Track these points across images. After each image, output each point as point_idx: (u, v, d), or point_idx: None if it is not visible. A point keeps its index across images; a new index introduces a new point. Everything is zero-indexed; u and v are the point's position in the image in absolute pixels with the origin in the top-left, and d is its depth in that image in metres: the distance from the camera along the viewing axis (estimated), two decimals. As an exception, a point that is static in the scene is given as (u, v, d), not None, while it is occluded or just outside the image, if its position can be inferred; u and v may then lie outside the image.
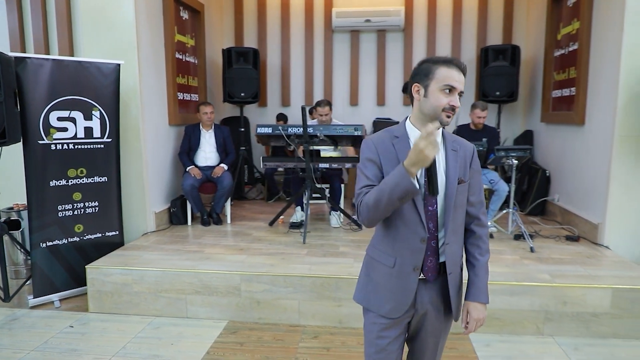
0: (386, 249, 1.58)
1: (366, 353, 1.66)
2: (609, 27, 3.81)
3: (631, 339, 3.01)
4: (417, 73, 1.54)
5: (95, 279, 3.41)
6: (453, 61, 1.48)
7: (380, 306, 1.58)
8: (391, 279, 1.57)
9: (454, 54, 5.93)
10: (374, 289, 1.61)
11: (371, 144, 1.56)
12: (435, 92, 1.47)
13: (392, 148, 1.53)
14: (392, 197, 1.39)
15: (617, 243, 3.77)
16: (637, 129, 3.65)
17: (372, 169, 1.53)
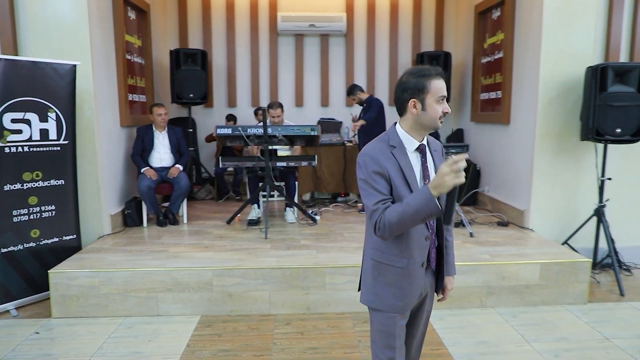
0: (397, 252, 1.68)
1: (379, 344, 1.75)
2: (529, 39, 4.39)
3: (556, 305, 3.55)
4: (408, 88, 1.62)
5: (59, 284, 3.36)
6: (439, 72, 1.64)
7: (392, 305, 1.71)
8: (403, 278, 1.69)
9: (392, 58, 6.38)
10: (384, 290, 1.71)
11: (374, 156, 1.62)
12: (432, 105, 1.61)
13: (394, 158, 1.63)
14: (417, 217, 1.51)
15: (540, 226, 4.36)
16: (554, 128, 4.25)
17: (382, 183, 1.61)
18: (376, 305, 1.73)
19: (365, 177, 1.63)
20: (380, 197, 1.59)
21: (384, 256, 1.70)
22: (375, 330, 1.77)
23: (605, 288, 3.89)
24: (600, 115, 3.82)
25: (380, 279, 1.72)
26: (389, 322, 1.72)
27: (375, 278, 1.73)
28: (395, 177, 1.61)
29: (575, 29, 4.13)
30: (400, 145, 1.65)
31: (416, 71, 1.65)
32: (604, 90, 3.80)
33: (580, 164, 4.31)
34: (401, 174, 1.62)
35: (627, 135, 3.82)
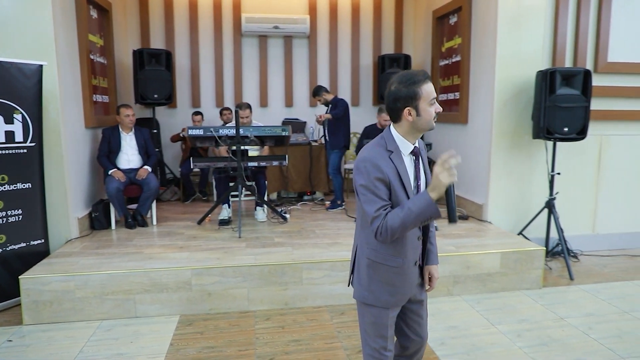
0: (392, 252, 1.77)
1: (372, 334, 1.84)
2: (484, 44, 4.69)
3: (515, 290, 3.85)
4: (400, 97, 1.68)
5: (31, 289, 3.28)
6: (427, 76, 1.70)
7: (386, 301, 1.80)
8: (397, 277, 1.79)
9: (354, 60, 6.58)
10: (378, 287, 1.80)
11: (376, 163, 1.68)
12: (426, 109, 1.67)
13: (392, 163, 1.70)
14: (418, 221, 1.61)
15: (497, 218, 4.68)
16: (508, 128, 4.57)
17: (383, 189, 1.67)
18: (370, 302, 1.82)
19: (367, 183, 1.68)
20: (381, 204, 1.66)
21: (380, 256, 1.78)
22: (368, 322, 1.86)
23: (557, 273, 4.25)
24: (549, 115, 4.16)
25: (376, 277, 1.80)
26: (383, 314, 1.82)
27: (370, 276, 1.81)
28: (394, 182, 1.69)
29: (526, 36, 4.46)
30: (397, 150, 1.72)
31: (405, 79, 1.70)
32: (553, 93, 4.15)
33: (532, 160, 4.66)
34: (399, 178, 1.70)
35: (573, 134, 4.20)
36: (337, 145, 5.29)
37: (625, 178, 4.87)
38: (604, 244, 4.89)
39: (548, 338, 3.08)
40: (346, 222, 4.85)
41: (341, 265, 3.58)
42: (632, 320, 3.34)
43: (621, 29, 4.64)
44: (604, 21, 4.58)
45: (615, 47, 4.65)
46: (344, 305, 3.58)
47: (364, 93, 6.67)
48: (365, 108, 6.70)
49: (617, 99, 4.71)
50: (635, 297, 3.73)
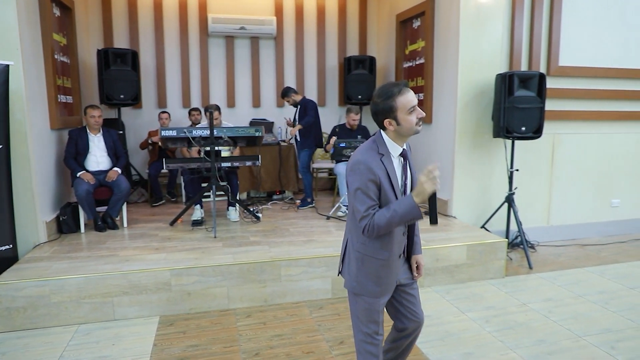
0: (379, 246, 1.92)
1: (364, 320, 1.98)
2: (447, 48, 4.94)
3: (481, 280, 4.10)
4: (379, 111, 1.85)
5: (4, 296, 3.18)
6: (401, 88, 1.82)
7: (372, 290, 1.95)
8: (383, 269, 1.94)
9: (319, 62, 6.70)
10: (365, 278, 1.95)
11: (369, 166, 1.83)
12: (404, 118, 1.82)
13: (382, 165, 1.85)
14: (402, 221, 1.80)
15: (461, 213, 4.94)
16: (470, 127, 4.84)
17: (374, 190, 1.84)
18: (358, 291, 1.98)
19: (361, 184, 1.83)
20: (371, 204, 1.83)
21: (369, 250, 1.93)
22: (360, 308, 1.99)
23: (517, 263, 4.55)
24: (508, 115, 4.45)
25: (364, 269, 1.95)
26: (374, 302, 1.97)
27: (359, 268, 1.96)
28: (384, 182, 1.84)
29: (486, 41, 4.74)
30: (387, 153, 1.88)
31: (382, 93, 1.84)
32: (511, 95, 4.43)
33: (492, 158, 4.95)
34: (388, 179, 1.86)
35: (530, 133, 4.50)
36: (308, 145, 5.40)
37: (575, 174, 5.26)
38: (558, 235, 5.27)
39: (514, 322, 3.32)
40: (317, 219, 4.96)
41: (318, 262, 3.69)
42: (586, 303, 3.65)
43: (570, 35, 5.01)
44: (555, 28, 4.93)
45: (565, 52, 5.01)
46: (321, 300, 3.69)
47: (330, 94, 6.81)
48: (331, 109, 6.84)
49: (567, 100, 5.08)
50: (588, 283, 4.06)
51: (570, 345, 3.01)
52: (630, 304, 3.63)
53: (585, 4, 5.01)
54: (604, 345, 3.00)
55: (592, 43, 5.09)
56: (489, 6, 4.71)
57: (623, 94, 5.26)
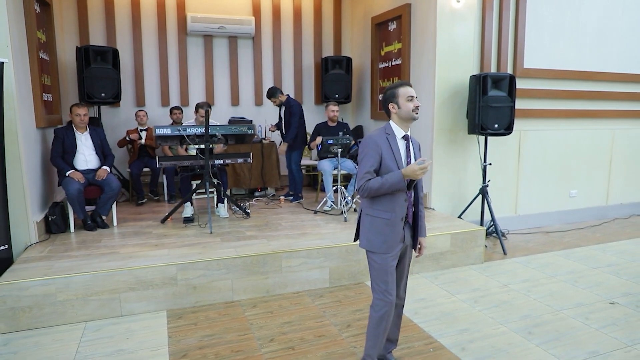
0: (384, 208, 2.36)
1: (377, 279, 2.41)
2: (424, 49, 5.25)
3: (463, 266, 4.43)
4: (386, 98, 2.40)
5: (8, 296, 3.15)
6: (405, 83, 2.39)
7: (380, 246, 2.37)
8: (387, 227, 2.37)
9: (296, 61, 6.87)
10: (375, 235, 2.38)
11: (376, 140, 2.34)
12: (404, 103, 2.34)
13: (387, 142, 2.35)
14: (390, 189, 2.28)
15: (439, 205, 5.28)
16: (446, 124, 5.18)
17: (375, 159, 2.31)
18: (370, 248, 2.40)
19: (366, 154, 2.34)
20: (369, 169, 2.31)
21: (376, 212, 2.38)
22: (374, 268, 2.42)
23: (492, 250, 4.93)
24: (483, 114, 4.81)
25: (373, 229, 2.39)
26: (383, 261, 2.37)
27: (369, 228, 2.40)
28: (386, 154, 2.33)
29: (459, 43, 5.09)
30: (392, 134, 2.38)
31: (390, 86, 2.41)
32: (485, 94, 4.80)
33: (466, 153, 5.32)
34: (391, 152, 2.33)
35: (502, 129, 4.89)
36: (297, 146, 5.60)
37: (538, 167, 5.73)
38: (524, 224, 5.73)
39: (499, 301, 3.66)
40: (305, 214, 5.14)
41: (316, 253, 3.88)
42: (558, 282, 4.05)
43: (533, 39, 5.46)
44: (520, 32, 5.37)
45: (528, 55, 5.46)
46: (320, 289, 3.88)
47: (306, 92, 7.00)
48: (308, 106, 7.01)
49: (531, 99, 5.53)
50: (557, 265, 4.49)
51: (551, 318, 3.37)
52: (596, 281, 4.07)
53: (545, 11, 5.49)
54: (579, 316, 3.38)
55: (551, 47, 5.58)
56: (462, 12, 5.07)
57: (579, 94, 5.79)
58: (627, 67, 6.05)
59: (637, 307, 3.56)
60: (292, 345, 2.98)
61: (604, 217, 6.23)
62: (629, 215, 6.41)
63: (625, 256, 4.74)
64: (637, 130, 6.33)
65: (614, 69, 5.96)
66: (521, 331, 3.17)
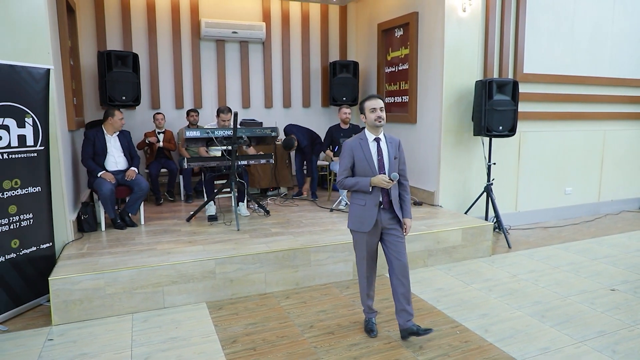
0: (360, 198, 3.01)
1: (358, 256, 3.09)
2: (431, 56, 5.56)
3: (473, 258, 4.75)
4: (359, 109, 3.05)
5: (61, 290, 3.35)
6: (371, 96, 3.00)
7: (357, 226, 3.03)
8: (362, 211, 3.00)
9: (304, 65, 7.13)
10: (354, 217, 3.06)
11: (350, 144, 3.00)
12: (368, 114, 2.97)
13: (360, 146, 2.98)
14: (359, 188, 2.96)
15: (446, 202, 5.60)
16: (453, 126, 5.50)
17: (349, 160, 2.99)
18: (351, 227, 3.09)
19: (343, 156, 3.03)
20: (345, 167, 3.01)
21: (355, 200, 3.05)
22: (355, 242, 3.11)
23: (497, 244, 5.27)
24: (488, 116, 5.15)
25: (352, 213, 3.08)
26: (360, 238, 3.05)
27: (351, 212, 3.10)
28: (357, 155, 2.97)
29: (465, 50, 5.42)
30: (365, 139, 3.00)
31: (361, 100, 3.13)
32: (490, 98, 5.14)
33: (471, 153, 5.66)
34: (362, 153, 2.96)
35: (506, 131, 5.23)
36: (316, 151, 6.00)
37: (537, 166, 6.10)
38: (524, 219, 6.10)
39: (511, 289, 3.99)
40: (321, 212, 5.40)
41: (342, 247, 4.15)
42: (562, 272, 4.40)
43: (531, 46, 5.83)
44: (520, 40, 5.72)
45: (527, 61, 5.83)
46: (346, 281, 4.16)
47: (314, 95, 7.26)
48: (315, 109, 7.29)
49: (530, 102, 5.90)
50: (558, 257, 4.85)
51: (560, 303, 3.71)
52: (596, 271, 4.43)
53: (543, 20, 5.86)
54: (585, 302, 3.73)
55: (548, 53, 5.96)
56: (468, 21, 5.40)
57: (573, 97, 6.18)
58: (617, 72, 6.47)
59: (636, 292, 3.92)
60: (332, 330, 3.26)
61: (597, 212, 6.65)
62: (619, 211, 6.85)
63: (620, 248, 5.13)
64: (626, 131, 6.76)
65: (605, 73, 6.38)
66: (535, 315, 3.49)
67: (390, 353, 2.96)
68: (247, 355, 2.93)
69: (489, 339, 3.13)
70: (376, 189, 2.95)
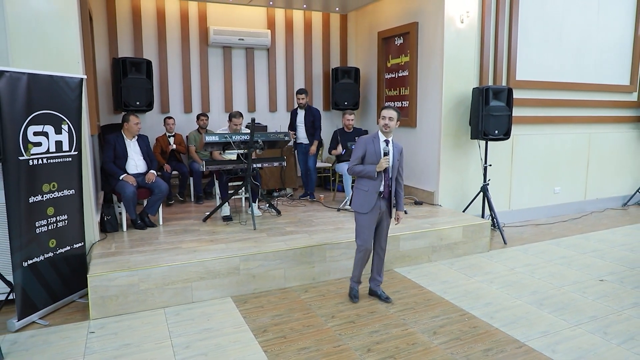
0: (365, 184, 3.65)
1: (359, 233, 3.71)
2: (431, 64, 5.91)
3: (473, 254, 5.10)
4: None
5: (99, 286, 3.59)
6: (385, 106, 3.67)
7: (361, 208, 3.66)
8: (365, 196, 3.64)
9: (307, 71, 7.42)
10: (357, 200, 3.69)
11: (365, 140, 3.65)
12: (380, 120, 3.63)
13: (372, 142, 3.64)
14: (366, 174, 3.60)
15: (445, 202, 5.95)
16: (452, 130, 5.85)
17: (362, 152, 3.62)
18: (355, 208, 3.71)
19: (357, 147, 3.68)
20: (356, 157, 3.66)
21: (360, 185, 3.68)
22: (358, 223, 3.74)
23: (494, 240, 5.63)
24: (485, 121, 5.51)
25: (357, 196, 3.71)
26: (362, 218, 3.68)
27: (355, 196, 3.73)
28: (369, 148, 3.62)
29: (462, 59, 5.77)
30: (377, 138, 3.66)
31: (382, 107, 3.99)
32: (487, 104, 5.50)
33: (468, 156, 6.01)
34: (373, 148, 3.61)
35: (501, 135, 5.60)
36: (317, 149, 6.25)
37: (528, 167, 6.50)
38: (516, 217, 6.48)
39: (510, 281, 4.34)
40: (329, 212, 5.69)
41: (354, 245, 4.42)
42: (555, 265, 4.78)
43: (523, 54, 6.21)
44: (513, 48, 6.10)
45: (520, 68, 6.21)
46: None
47: (316, 99, 7.56)
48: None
49: (522, 107, 6.28)
50: (550, 252, 5.23)
51: (555, 293, 4.08)
52: (585, 264, 4.82)
53: (533, 30, 6.25)
54: (577, 291, 4.10)
55: (538, 61, 6.35)
56: (465, 31, 5.75)
57: (561, 102, 6.60)
58: (601, 78, 6.92)
59: (622, 282, 4.31)
60: (352, 319, 3.56)
61: (583, 210, 7.09)
62: (604, 209, 7.30)
63: (606, 243, 5.55)
64: (610, 134, 7.22)
65: (590, 80, 6.81)
66: (534, 303, 3.85)
67: (408, 338, 3.28)
68: (279, 343, 3.21)
69: (495, 324, 3.47)
70: (379, 179, 3.59)
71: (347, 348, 3.14)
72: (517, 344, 3.19)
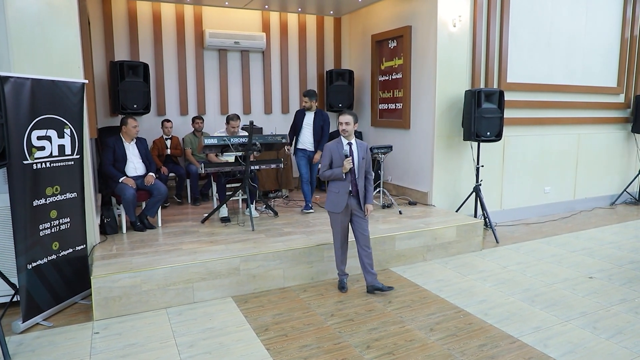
0: (335, 186, 3.97)
1: (334, 231, 4.06)
2: (424, 66, 6.03)
3: (466, 253, 5.23)
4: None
5: (102, 287, 3.65)
6: (343, 111, 4.22)
7: (332, 208, 3.99)
8: (336, 197, 3.96)
9: (301, 73, 7.51)
10: (329, 201, 4.02)
11: (330, 147, 3.96)
12: (338, 126, 3.96)
13: (337, 148, 3.93)
14: (335, 177, 3.93)
15: (439, 202, 6.07)
16: (445, 131, 5.98)
17: (328, 159, 3.95)
18: (327, 208, 4.05)
19: (324, 155, 4.00)
20: (324, 164, 3.98)
21: (331, 188, 4.00)
22: (331, 220, 4.07)
23: (486, 239, 5.76)
24: (477, 123, 5.64)
25: (329, 197, 4.04)
26: (334, 217, 4.02)
27: (327, 197, 4.06)
28: (335, 155, 3.93)
29: (455, 61, 5.90)
30: (340, 142, 3.95)
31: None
32: (479, 107, 5.63)
33: (461, 157, 6.15)
34: (338, 153, 3.90)
35: (493, 136, 5.74)
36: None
37: (519, 168, 6.65)
38: (508, 217, 6.63)
39: (503, 279, 4.47)
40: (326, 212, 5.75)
41: (351, 244, 4.54)
42: (546, 263, 4.92)
43: (514, 57, 6.36)
44: (504, 51, 6.25)
45: (510, 71, 6.36)
46: (356, 275, 4.54)
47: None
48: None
49: (513, 109, 6.43)
50: (541, 250, 5.37)
51: (546, 290, 4.21)
52: (575, 262, 4.97)
53: (523, 33, 6.40)
54: (568, 288, 4.24)
55: (528, 64, 6.51)
56: (457, 35, 5.88)
57: (551, 104, 6.76)
58: (589, 81, 7.10)
59: (610, 280, 4.46)
60: (351, 317, 3.66)
61: (572, 209, 7.26)
62: (592, 208, 7.49)
63: (595, 242, 5.71)
64: (598, 135, 7.40)
65: (578, 82, 6.99)
66: (526, 300, 3.98)
67: (405, 335, 3.38)
68: (281, 341, 3.30)
69: (489, 320, 3.60)
70: (347, 180, 3.92)
71: (347, 345, 3.24)
72: (511, 340, 3.31)
